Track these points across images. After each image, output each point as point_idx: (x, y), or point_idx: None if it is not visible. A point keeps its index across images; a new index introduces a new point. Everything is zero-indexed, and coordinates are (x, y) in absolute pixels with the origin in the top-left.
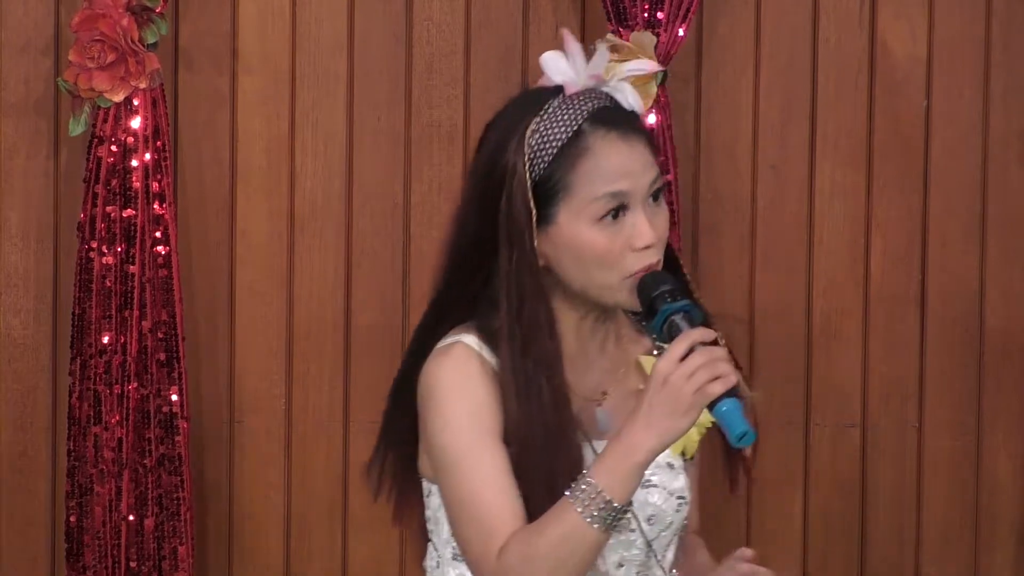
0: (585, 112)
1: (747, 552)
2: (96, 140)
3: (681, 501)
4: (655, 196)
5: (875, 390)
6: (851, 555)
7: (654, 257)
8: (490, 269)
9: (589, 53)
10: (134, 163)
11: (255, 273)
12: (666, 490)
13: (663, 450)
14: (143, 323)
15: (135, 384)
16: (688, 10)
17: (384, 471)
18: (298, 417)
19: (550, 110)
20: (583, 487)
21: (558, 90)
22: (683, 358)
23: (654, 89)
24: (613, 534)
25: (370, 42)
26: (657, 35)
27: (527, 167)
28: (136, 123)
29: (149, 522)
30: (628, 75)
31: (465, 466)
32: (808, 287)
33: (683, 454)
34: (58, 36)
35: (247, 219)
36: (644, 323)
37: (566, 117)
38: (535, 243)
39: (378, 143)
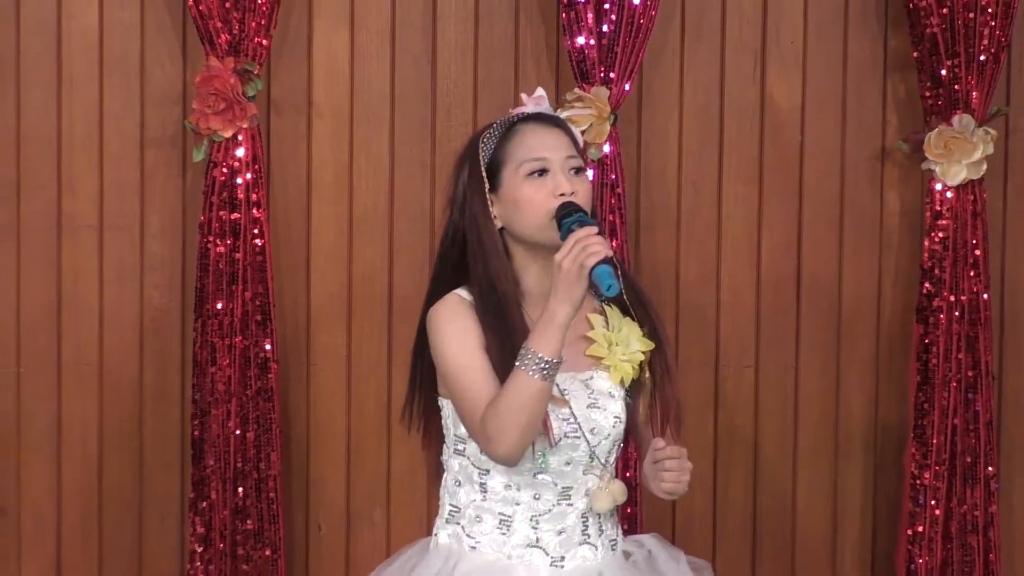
0: (520, 115)
1: (659, 441)
2: (212, 164)
3: (616, 420)
4: (576, 171)
5: (765, 341)
6: (748, 462)
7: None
8: (464, 242)
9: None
10: (239, 181)
11: (324, 259)
12: (606, 410)
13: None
14: (245, 294)
15: (240, 337)
16: (632, 71)
17: (414, 411)
18: (356, 362)
19: (497, 122)
20: (524, 353)
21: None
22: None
23: (607, 128)
24: (563, 440)
25: (406, 95)
26: (610, 89)
27: (480, 154)
28: (240, 152)
29: (250, 435)
30: (568, 115)
31: (461, 368)
32: (717, 269)
33: (621, 383)
34: (185, 91)
35: (319, 221)
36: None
37: (507, 120)
38: (490, 208)
39: (412, 168)
